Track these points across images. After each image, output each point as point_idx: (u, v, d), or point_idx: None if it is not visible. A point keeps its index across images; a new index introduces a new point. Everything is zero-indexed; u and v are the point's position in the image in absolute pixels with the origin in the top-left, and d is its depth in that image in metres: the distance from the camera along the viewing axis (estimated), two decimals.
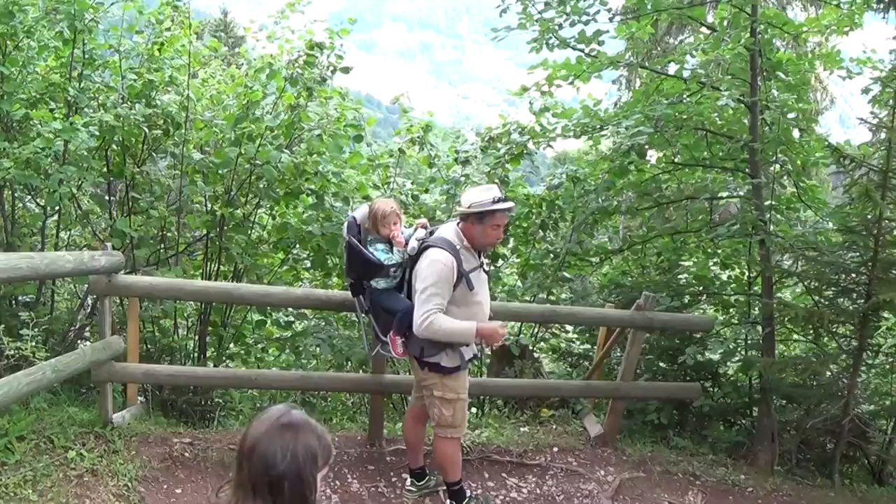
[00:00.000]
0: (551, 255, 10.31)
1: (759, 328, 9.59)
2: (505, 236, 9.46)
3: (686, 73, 9.74)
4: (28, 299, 9.06)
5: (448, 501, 7.24)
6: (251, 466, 2.91)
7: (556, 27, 9.58)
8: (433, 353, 6.55)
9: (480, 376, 9.42)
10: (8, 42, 8.64)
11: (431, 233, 6.73)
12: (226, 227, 9.26)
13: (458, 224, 6.68)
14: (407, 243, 6.70)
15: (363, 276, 6.85)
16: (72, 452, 6.77)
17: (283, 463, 2.88)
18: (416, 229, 6.81)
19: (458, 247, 6.50)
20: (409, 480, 7.57)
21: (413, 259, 6.64)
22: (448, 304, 6.43)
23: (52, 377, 6.49)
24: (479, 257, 6.74)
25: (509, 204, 6.63)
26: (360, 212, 6.92)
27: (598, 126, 9.84)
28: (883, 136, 8.67)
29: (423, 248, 6.55)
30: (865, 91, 9.06)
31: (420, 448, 7.51)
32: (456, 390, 6.74)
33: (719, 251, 10.63)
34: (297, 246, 9.81)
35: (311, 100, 9.15)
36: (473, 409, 10.38)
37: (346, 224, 6.89)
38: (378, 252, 6.69)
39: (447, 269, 6.35)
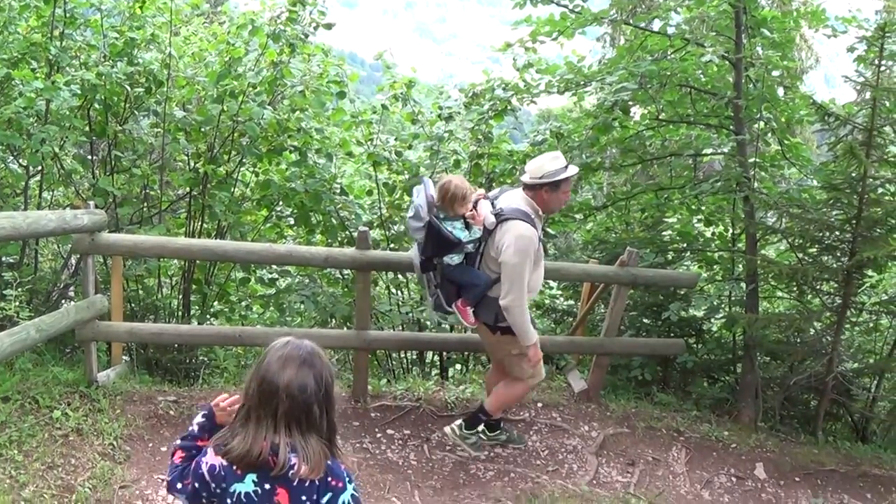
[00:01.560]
0: None
1: (743, 285, 9.61)
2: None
3: (670, 30, 9.69)
4: (11, 260, 9.03)
5: (458, 423, 7.68)
6: (292, 402, 3.10)
7: None
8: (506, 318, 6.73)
9: (465, 332, 9.43)
10: None
11: (493, 202, 6.89)
12: (209, 185, 9.25)
13: (524, 192, 6.83)
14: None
15: (439, 253, 6.88)
16: (57, 412, 6.77)
17: (318, 393, 3.16)
18: (481, 201, 6.87)
19: (533, 217, 6.70)
20: (482, 427, 7.73)
21: (487, 231, 6.74)
22: None
23: (37, 337, 6.46)
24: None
25: (576, 168, 6.94)
26: (430, 188, 6.87)
27: (582, 82, 9.80)
28: (868, 95, 8.66)
29: (500, 220, 6.66)
30: (850, 50, 9.01)
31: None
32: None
33: (703, 208, 10.62)
34: (281, 203, 9.81)
35: (294, 56, 9.11)
36: (458, 366, 10.44)
37: (424, 203, 6.77)
38: (456, 231, 6.70)
39: (532, 244, 6.57)
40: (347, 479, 3.27)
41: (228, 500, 3.11)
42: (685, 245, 10.50)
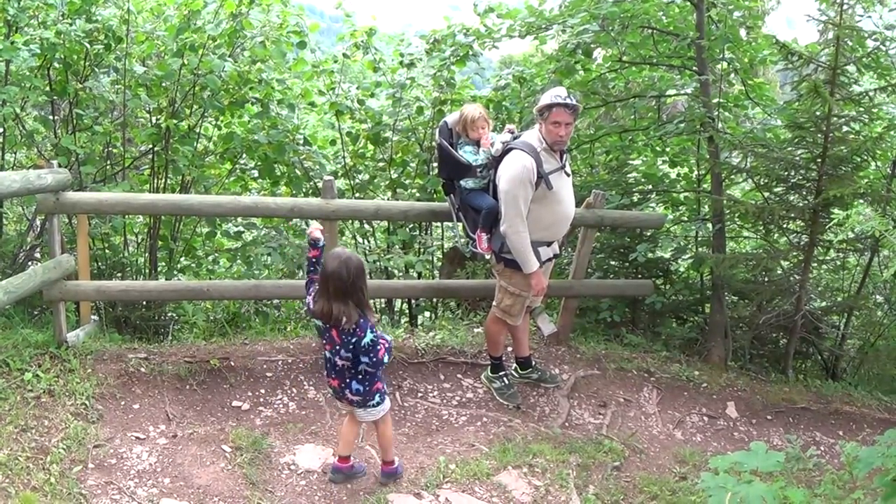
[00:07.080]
0: None
1: (710, 225, 9.66)
2: None
3: None
4: None
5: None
6: (336, 283, 5.37)
7: None
8: (510, 251, 7.11)
9: (432, 279, 9.45)
10: None
11: (517, 137, 7.18)
12: (171, 140, 9.19)
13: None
14: (493, 146, 7.23)
15: (453, 175, 7.54)
16: (28, 374, 6.74)
17: (349, 277, 5.38)
18: (503, 133, 7.33)
19: (538, 149, 6.93)
20: (514, 366, 8.23)
21: (497, 160, 7.12)
22: (531, 203, 6.93)
23: (4, 299, 6.43)
24: (561, 160, 7.12)
25: (563, 100, 6.86)
26: (452, 117, 7.57)
27: (544, 25, 9.76)
28: (830, 35, 8.67)
29: (506, 151, 7.02)
30: None
31: (520, 339, 8.08)
32: (521, 287, 7.31)
33: (668, 149, 10.66)
34: (244, 155, 9.76)
35: (253, 7, 9.05)
36: (427, 313, 10.47)
37: (438, 128, 7.60)
38: (466, 154, 7.33)
39: (526, 171, 6.80)
40: (370, 329, 5.53)
41: (314, 329, 5.34)
42: (651, 186, 10.53)
